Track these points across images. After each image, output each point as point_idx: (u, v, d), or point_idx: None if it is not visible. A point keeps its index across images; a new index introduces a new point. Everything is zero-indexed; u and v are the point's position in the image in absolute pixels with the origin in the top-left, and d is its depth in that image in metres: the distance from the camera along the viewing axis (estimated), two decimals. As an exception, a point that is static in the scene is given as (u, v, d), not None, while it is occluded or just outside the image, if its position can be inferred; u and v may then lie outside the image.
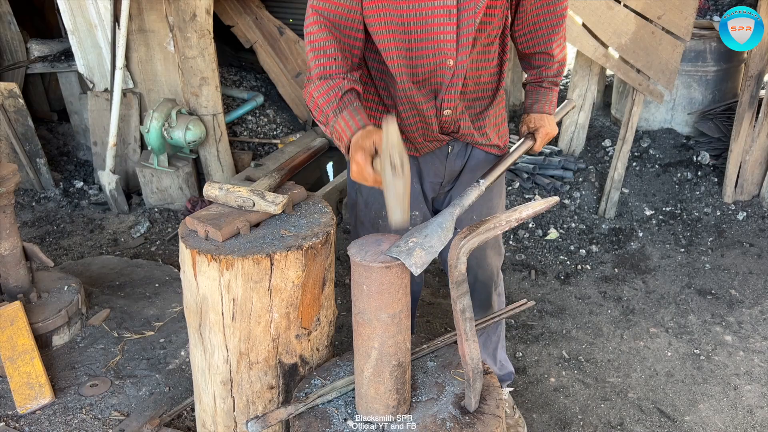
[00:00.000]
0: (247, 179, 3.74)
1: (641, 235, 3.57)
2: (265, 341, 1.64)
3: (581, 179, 3.93)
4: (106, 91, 3.91)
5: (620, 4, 3.48)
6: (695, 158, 3.98)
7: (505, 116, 1.95)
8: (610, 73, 4.75)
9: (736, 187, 3.74)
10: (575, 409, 2.42)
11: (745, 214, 3.66)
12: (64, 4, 3.73)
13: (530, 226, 3.64)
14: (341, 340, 2.68)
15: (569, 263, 3.36)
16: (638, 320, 2.91)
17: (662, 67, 3.51)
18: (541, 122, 1.89)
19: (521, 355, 2.70)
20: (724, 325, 2.87)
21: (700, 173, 3.89)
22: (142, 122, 3.84)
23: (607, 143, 4.21)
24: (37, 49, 4.41)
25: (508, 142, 1.97)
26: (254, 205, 1.69)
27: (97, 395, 2.31)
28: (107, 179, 3.76)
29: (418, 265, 1.36)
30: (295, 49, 4.79)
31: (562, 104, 2.06)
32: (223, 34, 4.73)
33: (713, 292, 3.10)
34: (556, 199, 1.51)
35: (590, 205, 3.79)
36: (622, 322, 2.91)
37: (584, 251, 3.45)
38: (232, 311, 1.59)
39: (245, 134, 4.50)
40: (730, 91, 4.17)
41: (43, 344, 2.48)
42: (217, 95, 3.80)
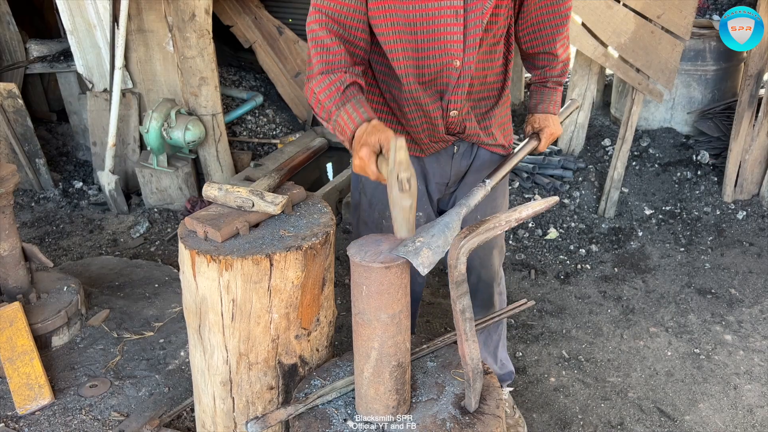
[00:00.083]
0: (246, 179, 3.73)
1: (641, 234, 3.57)
2: (264, 342, 1.64)
3: (581, 179, 3.92)
4: (105, 91, 3.91)
5: (619, 3, 3.48)
6: (695, 157, 3.98)
7: (509, 115, 1.94)
8: (609, 72, 4.75)
9: (735, 186, 3.74)
10: (575, 408, 2.42)
11: (744, 213, 3.66)
12: (63, 4, 3.73)
13: (530, 225, 3.64)
14: (341, 340, 2.68)
15: (569, 263, 3.36)
16: (638, 320, 2.91)
17: (662, 66, 3.51)
18: (545, 122, 1.89)
19: (521, 354, 2.70)
20: (724, 324, 2.87)
21: (699, 172, 3.89)
22: (141, 122, 3.84)
23: (606, 142, 4.21)
24: (36, 49, 4.41)
25: (512, 141, 1.97)
26: (253, 205, 1.68)
27: (96, 396, 2.30)
28: (106, 179, 3.76)
29: (425, 264, 1.36)
30: (294, 48, 4.79)
31: (566, 104, 2.06)
32: (222, 33, 4.73)
33: (713, 291, 3.10)
34: (555, 198, 1.51)
35: (590, 204, 3.79)
36: (621, 321, 2.90)
37: (584, 251, 3.44)
38: (231, 312, 1.59)
39: (244, 134, 4.50)
40: (729, 90, 4.17)
41: (42, 345, 2.48)
42: (216, 95, 3.80)
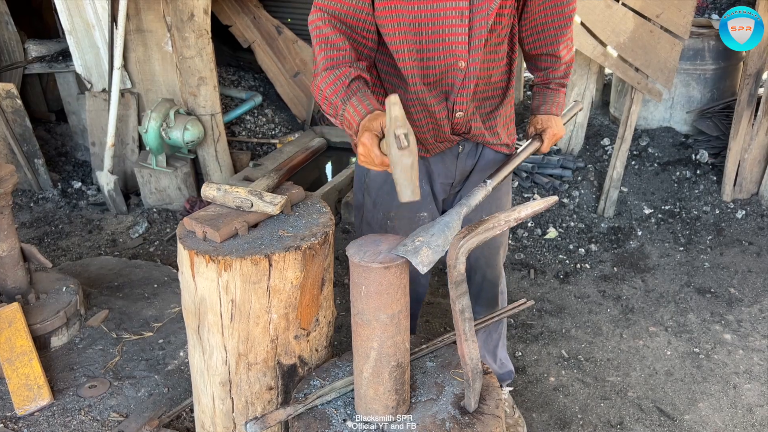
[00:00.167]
0: (245, 179, 3.73)
1: (640, 233, 3.57)
2: (263, 342, 1.64)
3: (580, 178, 3.92)
4: (104, 91, 3.91)
5: (618, 2, 3.48)
6: (694, 157, 3.98)
7: (513, 114, 1.94)
8: (608, 71, 4.75)
9: (734, 185, 3.74)
10: (575, 408, 2.42)
11: (744, 212, 3.66)
12: (61, 4, 3.73)
13: (529, 225, 3.64)
14: (340, 340, 2.67)
15: (568, 262, 3.36)
16: (637, 319, 2.91)
17: (661, 65, 3.51)
18: (548, 123, 1.89)
19: (521, 354, 2.70)
20: (723, 323, 2.87)
21: (698, 172, 3.89)
22: (140, 122, 3.83)
23: (605, 142, 4.21)
24: (34, 49, 4.41)
25: (516, 140, 1.97)
26: (252, 205, 1.68)
27: (95, 396, 2.30)
28: (105, 179, 3.76)
29: (425, 263, 1.36)
30: (293, 48, 4.78)
31: (569, 106, 2.06)
32: (221, 33, 4.72)
33: (712, 290, 3.10)
34: (555, 198, 1.51)
35: (589, 204, 3.79)
36: (621, 321, 2.90)
37: (583, 250, 3.44)
38: (230, 312, 1.59)
39: (243, 134, 4.50)
40: (728, 89, 4.17)
41: (41, 345, 2.47)
42: (215, 95, 3.79)
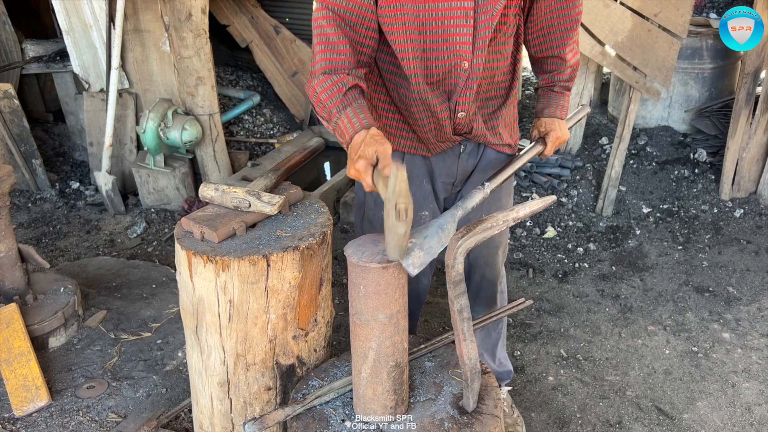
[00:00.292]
0: (243, 179, 3.73)
1: (639, 232, 3.57)
2: (262, 342, 1.63)
3: (578, 177, 3.92)
4: (101, 91, 3.90)
5: (616, 1, 3.48)
6: (692, 156, 3.98)
7: (516, 115, 1.93)
8: (606, 70, 4.75)
9: (733, 184, 3.74)
10: (573, 407, 2.42)
11: (742, 211, 3.67)
12: (58, 4, 3.72)
13: (528, 224, 3.64)
14: (339, 340, 2.67)
15: (567, 261, 3.36)
16: (636, 318, 2.91)
17: (659, 64, 3.51)
18: (551, 126, 1.88)
19: (519, 353, 2.70)
20: (721, 322, 2.87)
21: (697, 170, 3.90)
22: (138, 122, 3.83)
23: (604, 141, 4.21)
24: (32, 49, 4.40)
25: (518, 140, 1.96)
26: (250, 205, 1.68)
27: (94, 397, 2.30)
28: (103, 180, 3.75)
29: (415, 265, 1.36)
30: (291, 48, 4.78)
31: (576, 110, 2.06)
32: (219, 33, 4.71)
33: (711, 289, 3.10)
34: (553, 197, 1.51)
35: (587, 203, 3.79)
36: (620, 320, 2.90)
37: (582, 249, 3.44)
38: (228, 312, 1.59)
39: (242, 134, 4.49)
40: (726, 88, 4.17)
41: (39, 346, 2.47)
42: (213, 95, 3.79)
